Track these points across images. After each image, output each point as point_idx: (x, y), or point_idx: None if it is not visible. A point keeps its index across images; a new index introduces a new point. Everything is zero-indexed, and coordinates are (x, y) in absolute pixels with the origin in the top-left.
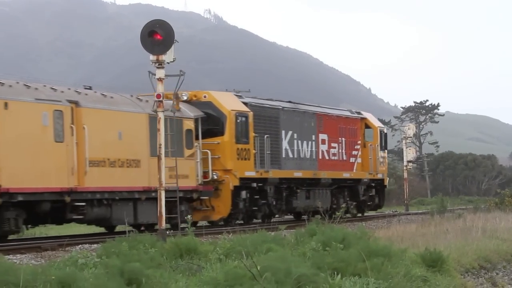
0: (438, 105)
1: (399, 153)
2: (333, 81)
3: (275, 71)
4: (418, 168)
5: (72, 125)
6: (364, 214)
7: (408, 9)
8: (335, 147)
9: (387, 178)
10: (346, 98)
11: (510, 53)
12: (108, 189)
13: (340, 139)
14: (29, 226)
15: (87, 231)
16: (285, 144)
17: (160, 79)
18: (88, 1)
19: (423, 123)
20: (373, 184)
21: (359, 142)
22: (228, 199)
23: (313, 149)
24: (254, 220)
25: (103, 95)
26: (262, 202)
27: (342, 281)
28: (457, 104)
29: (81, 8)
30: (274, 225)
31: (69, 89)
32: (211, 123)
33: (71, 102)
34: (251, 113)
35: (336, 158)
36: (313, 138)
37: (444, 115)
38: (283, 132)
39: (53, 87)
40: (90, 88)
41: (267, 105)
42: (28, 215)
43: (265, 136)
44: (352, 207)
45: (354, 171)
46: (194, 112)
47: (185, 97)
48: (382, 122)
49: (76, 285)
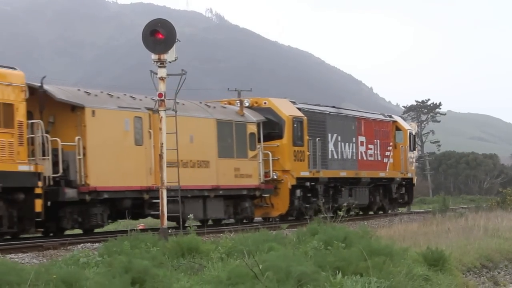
0: (440, 104)
1: None
2: (335, 80)
3: (277, 70)
4: (419, 167)
5: (150, 130)
6: (393, 210)
7: (409, 8)
8: (371, 149)
9: (415, 177)
10: (348, 97)
11: None
12: (181, 187)
13: (375, 141)
14: (109, 221)
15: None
16: (331, 146)
17: (161, 78)
18: (90, 0)
19: (424, 122)
20: (403, 183)
21: (391, 143)
22: (286, 197)
23: (354, 150)
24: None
25: (177, 102)
26: (313, 200)
27: (344, 280)
28: (458, 103)
29: (82, 7)
30: (275, 224)
31: (146, 97)
32: (270, 127)
33: (148, 109)
34: (305, 118)
35: (372, 158)
36: (354, 140)
37: (445, 114)
38: (329, 135)
39: (132, 96)
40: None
41: (316, 110)
42: (111, 211)
43: (317, 139)
44: (385, 204)
45: (387, 170)
46: (256, 117)
47: (247, 103)
48: None
49: (79, 284)
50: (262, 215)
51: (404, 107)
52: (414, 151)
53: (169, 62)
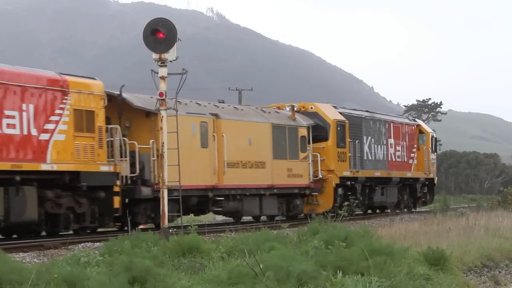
0: (441, 103)
1: None
2: (335, 79)
3: (278, 69)
4: None
5: (214, 134)
6: (416, 209)
7: (409, 8)
8: (399, 150)
9: (436, 177)
10: (349, 97)
11: None
12: (241, 186)
13: (402, 143)
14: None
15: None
16: (366, 148)
17: (162, 78)
18: None
19: (425, 122)
20: (426, 182)
21: (415, 145)
22: (331, 195)
23: (385, 152)
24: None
25: (235, 108)
26: (352, 198)
27: (345, 279)
28: (459, 102)
29: (83, 6)
30: (276, 224)
31: (209, 103)
32: (317, 130)
33: (212, 114)
34: (347, 121)
35: (400, 160)
36: (384, 143)
37: (446, 113)
38: (364, 137)
39: (198, 102)
40: (223, 102)
41: (354, 115)
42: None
43: (356, 141)
44: (410, 202)
45: (412, 171)
46: (306, 121)
47: (295, 108)
48: None
49: (79, 283)
50: (308, 211)
51: (405, 106)
52: (435, 153)
53: (170, 61)
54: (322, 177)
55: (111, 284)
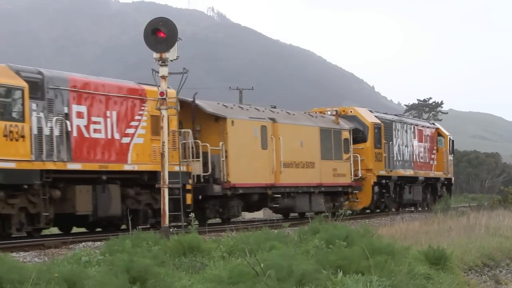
0: (442, 102)
1: None
2: (336, 78)
3: (278, 69)
4: None
5: (272, 137)
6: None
7: (409, 7)
8: (422, 152)
9: (453, 177)
10: (350, 96)
11: None
12: (294, 184)
13: (424, 145)
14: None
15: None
16: (396, 149)
17: (163, 77)
18: None
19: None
20: (445, 182)
21: (435, 147)
22: (369, 192)
23: (410, 153)
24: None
25: (287, 112)
26: (386, 196)
27: (345, 278)
28: (460, 101)
29: (84, 5)
30: (277, 223)
31: (265, 108)
32: (356, 132)
33: (270, 119)
34: (382, 124)
35: (423, 160)
36: (410, 144)
37: (447, 112)
38: (394, 139)
39: (256, 108)
40: (275, 107)
41: (386, 118)
42: (244, 204)
43: (390, 143)
44: (431, 201)
45: (433, 171)
46: (348, 125)
47: (335, 112)
48: None
49: (80, 282)
50: (348, 208)
51: (406, 105)
52: (452, 154)
53: (171, 60)
54: (361, 176)
55: (112, 283)
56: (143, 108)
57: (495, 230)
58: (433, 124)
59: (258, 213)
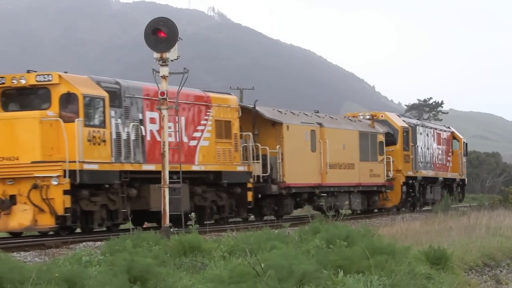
0: (442, 102)
1: None
2: (337, 78)
3: (279, 69)
4: None
5: (320, 140)
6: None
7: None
8: (440, 154)
9: (466, 178)
10: (350, 96)
11: None
12: (337, 184)
13: (442, 147)
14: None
15: None
16: (419, 152)
17: (164, 77)
18: None
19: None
20: (460, 183)
21: (450, 150)
22: (399, 192)
23: (431, 155)
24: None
25: (330, 117)
26: (412, 195)
27: (346, 278)
28: (461, 101)
29: (85, 5)
30: (278, 223)
31: (312, 114)
32: (387, 136)
33: (318, 123)
34: (410, 128)
35: (441, 162)
36: (431, 147)
37: (448, 112)
38: (418, 142)
39: (305, 113)
40: (318, 112)
41: (411, 123)
42: (295, 202)
43: (416, 145)
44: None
45: (449, 172)
46: (382, 129)
47: (367, 117)
48: None
49: (81, 282)
50: (379, 206)
51: (406, 105)
52: (465, 157)
53: (171, 60)
54: (392, 176)
55: (112, 283)
56: (208, 113)
57: (496, 230)
58: (449, 128)
59: (297, 211)
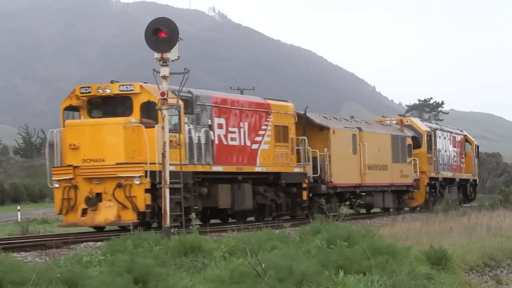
0: (443, 103)
1: None
2: (337, 78)
3: (280, 69)
4: None
5: (360, 143)
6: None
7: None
8: (455, 156)
9: (478, 179)
10: (351, 96)
11: None
12: (374, 184)
13: (456, 149)
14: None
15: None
16: (439, 154)
17: (164, 77)
18: None
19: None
20: (473, 183)
21: (463, 152)
22: (423, 191)
23: (448, 157)
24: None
25: (366, 122)
26: (434, 195)
27: (347, 278)
28: (461, 101)
29: (85, 5)
30: (278, 223)
31: (351, 119)
32: (413, 139)
33: (357, 128)
34: (432, 132)
35: (456, 164)
36: (447, 149)
37: (448, 113)
38: (438, 145)
39: (346, 118)
40: (353, 117)
41: (432, 127)
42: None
43: (438, 148)
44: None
45: (463, 173)
46: (410, 133)
47: (394, 121)
48: None
49: (81, 283)
50: (408, 204)
51: (407, 105)
52: (477, 158)
53: (172, 60)
54: (417, 177)
55: (113, 283)
56: (268, 119)
57: (496, 230)
58: (462, 131)
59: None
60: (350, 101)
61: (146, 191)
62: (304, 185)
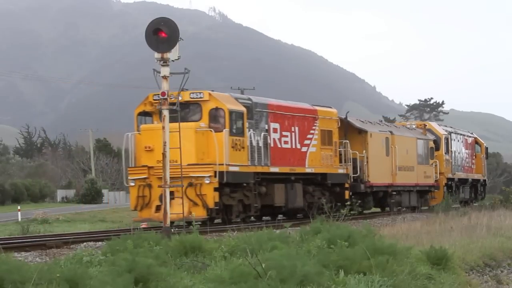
0: (443, 103)
1: None
2: (338, 78)
3: (280, 69)
4: None
5: (391, 146)
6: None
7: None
8: (467, 158)
9: (487, 179)
10: (352, 96)
11: None
12: (403, 184)
13: (468, 151)
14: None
15: (91, 228)
16: (454, 156)
17: (164, 77)
18: None
19: (427, 121)
20: (483, 183)
21: (474, 154)
22: (442, 191)
23: (461, 159)
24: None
25: (395, 126)
26: (450, 194)
27: (347, 278)
28: (461, 101)
29: (86, 5)
30: (279, 223)
31: (383, 123)
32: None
33: (389, 131)
34: (449, 135)
35: (468, 165)
36: (461, 151)
37: (448, 113)
38: (453, 147)
39: (378, 122)
40: (382, 121)
41: (448, 131)
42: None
43: (454, 150)
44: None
45: (474, 173)
46: (432, 136)
47: (413, 125)
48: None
49: (82, 283)
50: (429, 203)
51: (407, 106)
52: (486, 159)
53: (172, 60)
54: (437, 178)
55: (114, 283)
56: (315, 124)
57: (497, 230)
58: (472, 134)
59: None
60: (350, 101)
61: (215, 189)
62: (346, 185)
